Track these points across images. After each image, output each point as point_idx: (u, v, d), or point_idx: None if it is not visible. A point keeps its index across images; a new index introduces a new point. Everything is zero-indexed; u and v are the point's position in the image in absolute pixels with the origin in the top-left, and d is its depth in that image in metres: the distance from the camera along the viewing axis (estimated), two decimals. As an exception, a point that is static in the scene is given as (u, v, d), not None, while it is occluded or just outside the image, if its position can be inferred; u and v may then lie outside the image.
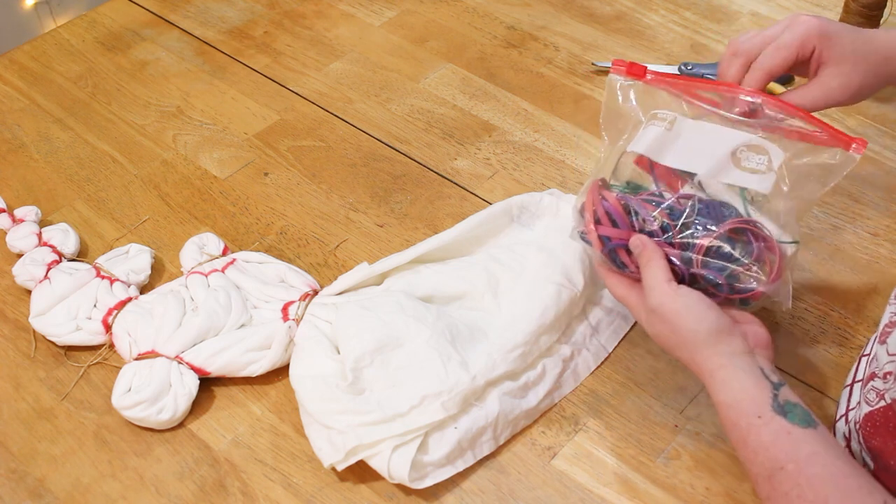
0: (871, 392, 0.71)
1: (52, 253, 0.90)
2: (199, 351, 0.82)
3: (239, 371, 0.82)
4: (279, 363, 0.82)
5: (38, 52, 1.17)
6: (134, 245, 0.92)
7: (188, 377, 0.81)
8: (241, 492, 0.77)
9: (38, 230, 0.92)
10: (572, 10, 1.21)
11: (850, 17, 1.07)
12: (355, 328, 0.80)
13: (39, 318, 0.86)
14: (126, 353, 0.83)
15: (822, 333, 0.86)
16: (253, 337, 0.82)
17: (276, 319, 0.84)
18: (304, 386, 0.79)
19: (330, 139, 1.06)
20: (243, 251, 0.91)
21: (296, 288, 0.86)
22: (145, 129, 1.07)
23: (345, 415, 0.76)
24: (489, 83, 1.11)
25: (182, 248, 0.91)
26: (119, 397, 0.79)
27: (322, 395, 0.77)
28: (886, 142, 1.03)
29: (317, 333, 0.82)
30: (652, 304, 0.72)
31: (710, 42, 1.16)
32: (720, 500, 0.75)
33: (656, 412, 0.81)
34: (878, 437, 0.69)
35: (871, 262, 0.91)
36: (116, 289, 0.87)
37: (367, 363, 0.79)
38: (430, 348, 0.79)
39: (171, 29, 1.20)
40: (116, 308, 0.85)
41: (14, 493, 0.77)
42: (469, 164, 1.02)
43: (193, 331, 0.82)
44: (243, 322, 0.84)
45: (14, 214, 0.95)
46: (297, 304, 0.84)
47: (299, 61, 1.15)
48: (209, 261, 0.89)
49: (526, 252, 0.87)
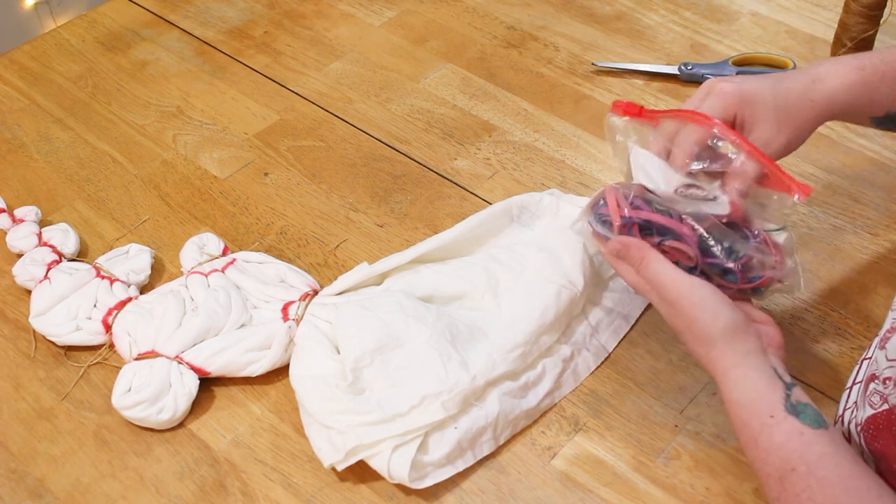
0: (875, 395, 0.70)
1: (52, 253, 0.90)
2: (199, 351, 0.82)
3: (239, 371, 0.82)
4: (279, 363, 0.82)
5: (38, 52, 1.17)
6: (134, 245, 0.92)
7: (188, 377, 0.81)
8: (241, 492, 0.77)
9: (38, 230, 0.92)
10: (572, 10, 1.21)
11: (851, 17, 1.07)
12: (355, 328, 0.80)
13: (39, 318, 0.86)
14: (126, 353, 0.83)
15: (823, 333, 0.86)
16: (253, 337, 0.82)
17: (276, 319, 0.84)
18: (304, 386, 0.79)
19: (330, 139, 1.06)
20: (243, 251, 0.91)
21: (296, 288, 0.86)
22: (145, 129, 1.07)
23: (345, 415, 0.76)
24: (489, 83, 1.11)
25: (182, 248, 0.91)
26: (119, 397, 0.79)
27: (322, 395, 0.77)
28: (886, 142, 1.03)
29: (317, 333, 0.82)
30: (670, 298, 0.72)
31: (710, 42, 1.16)
32: (720, 500, 0.75)
33: (656, 412, 0.81)
34: (880, 440, 0.69)
35: (871, 262, 0.91)
36: (116, 289, 0.87)
37: (368, 363, 0.79)
38: (430, 348, 0.79)
39: (171, 29, 1.20)
40: (116, 308, 0.85)
41: (14, 493, 0.77)
42: (469, 164, 1.02)
43: (193, 331, 0.82)
44: (243, 322, 0.84)
45: (14, 214, 0.95)
46: (297, 304, 0.84)
47: (299, 61, 1.15)
48: (209, 261, 0.89)
49: (526, 252, 0.87)
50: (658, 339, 0.86)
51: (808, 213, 0.95)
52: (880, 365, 0.71)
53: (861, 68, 0.80)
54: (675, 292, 0.72)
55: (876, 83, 0.80)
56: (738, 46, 1.15)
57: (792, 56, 1.12)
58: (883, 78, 0.80)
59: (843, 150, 1.02)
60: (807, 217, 0.95)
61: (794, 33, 1.17)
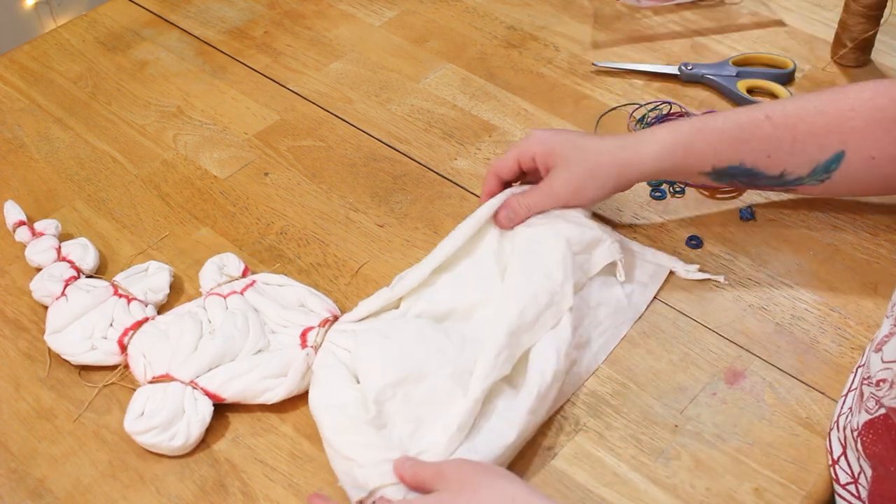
0: (871, 399, 0.71)
1: (70, 268, 0.89)
2: (214, 376, 0.80)
3: (254, 398, 0.80)
4: (295, 391, 0.80)
5: (38, 52, 1.17)
6: (153, 262, 0.90)
7: (202, 403, 0.79)
8: (241, 492, 0.77)
9: (58, 244, 0.91)
10: (572, 10, 1.21)
11: (851, 17, 1.07)
12: (376, 359, 0.78)
13: (55, 336, 0.85)
14: (141, 375, 0.82)
15: (823, 333, 0.86)
16: (269, 364, 0.80)
17: (293, 346, 0.82)
18: (325, 415, 0.76)
19: (330, 139, 1.06)
20: (263, 273, 0.89)
21: (315, 313, 0.84)
22: (145, 129, 1.07)
23: (367, 448, 0.73)
24: (489, 83, 1.11)
25: (202, 268, 0.90)
26: (131, 422, 0.78)
27: (344, 427, 0.75)
28: (886, 142, 1.03)
29: (335, 361, 0.79)
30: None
31: (710, 42, 1.16)
32: (720, 500, 0.75)
33: (656, 412, 0.81)
34: (879, 445, 0.69)
35: (871, 262, 0.91)
36: (133, 308, 0.85)
37: (390, 396, 0.76)
38: (454, 384, 0.77)
39: (172, 29, 1.20)
40: (133, 328, 0.84)
41: (14, 493, 0.77)
42: (469, 164, 1.02)
43: (209, 355, 0.80)
44: (260, 347, 0.82)
45: (34, 227, 0.93)
46: (317, 330, 0.82)
47: (299, 61, 1.15)
48: (228, 282, 0.87)
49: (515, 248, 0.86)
50: (658, 339, 0.86)
51: (809, 214, 0.96)
52: (874, 367, 0.71)
53: (675, 128, 0.86)
54: None
55: (688, 139, 0.85)
56: (738, 46, 1.15)
57: (792, 56, 1.12)
58: (697, 133, 0.85)
59: (843, 150, 1.02)
60: (807, 217, 0.95)
61: (794, 33, 1.17)
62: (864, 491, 0.72)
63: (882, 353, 0.71)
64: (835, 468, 0.75)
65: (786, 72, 1.10)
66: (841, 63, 1.11)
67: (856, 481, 0.73)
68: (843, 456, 0.74)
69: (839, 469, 0.74)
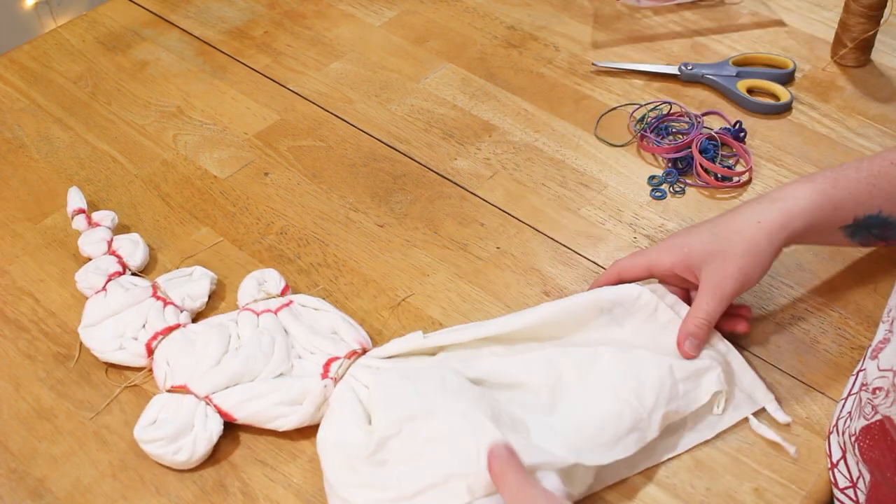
0: (868, 406, 0.71)
1: (116, 263, 0.89)
2: (230, 395, 0.79)
3: (266, 423, 0.79)
4: (308, 421, 0.78)
5: (38, 52, 1.17)
6: (198, 268, 0.90)
7: (212, 421, 0.78)
8: (241, 492, 0.77)
9: (110, 237, 0.92)
10: (572, 10, 1.21)
11: (851, 17, 1.07)
12: (388, 397, 0.74)
13: (88, 330, 0.85)
14: (161, 382, 0.81)
15: (823, 333, 0.86)
16: (286, 390, 0.78)
17: (315, 374, 0.80)
18: (327, 452, 0.74)
19: (330, 139, 1.06)
20: (301, 294, 0.87)
21: (345, 343, 0.82)
22: (145, 129, 1.07)
23: (362, 489, 0.71)
24: (489, 83, 1.11)
25: (241, 282, 0.88)
26: (141, 429, 0.78)
27: (342, 465, 0.73)
28: (886, 142, 1.03)
29: (352, 397, 0.77)
30: None
31: (710, 42, 1.16)
32: (720, 500, 0.75)
33: (656, 412, 0.81)
34: (875, 450, 0.69)
35: (872, 262, 0.91)
36: (168, 313, 0.85)
37: (395, 432, 0.71)
38: (466, 421, 0.70)
39: (171, 29, 1.20)
40: (163, 333, 0.83)
41: (14, 493, 0.77)
42: (469, 164, 1.02)
43: (228, 372, 0.79)
44: (282, 371, 0.81)
45: (91, 217, 0.94)
46: (341, 360, 0.80)
47: (299, 61, 1.15)
48: (265, 299, 0.86)
49: (602, 351, 0.78)
50: (658, 339, 0.86)
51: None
52: (871, 375, 0.71)
53: (810, 180, 0.81)
54: None
55: (829, 190, 0.80)
56: (738, 46, 1.15)
57: (792, 56, 1.12)
58: (835, 184, 0.81)
59: (843, 149, 1.02)
60: (807, 217, 0.95)
61: (794, 33, 1.17)
62: (863, 495, 0.72)
63: (878, 360, 0.71)
64: (834, 472, 0.75)
65: (786, 72, 1.10)
66: (841, 63, 1.12)
67: (854, 486, 0.73)
68: (842, 460, 0.74)
69: (838, 473, 0.74)
